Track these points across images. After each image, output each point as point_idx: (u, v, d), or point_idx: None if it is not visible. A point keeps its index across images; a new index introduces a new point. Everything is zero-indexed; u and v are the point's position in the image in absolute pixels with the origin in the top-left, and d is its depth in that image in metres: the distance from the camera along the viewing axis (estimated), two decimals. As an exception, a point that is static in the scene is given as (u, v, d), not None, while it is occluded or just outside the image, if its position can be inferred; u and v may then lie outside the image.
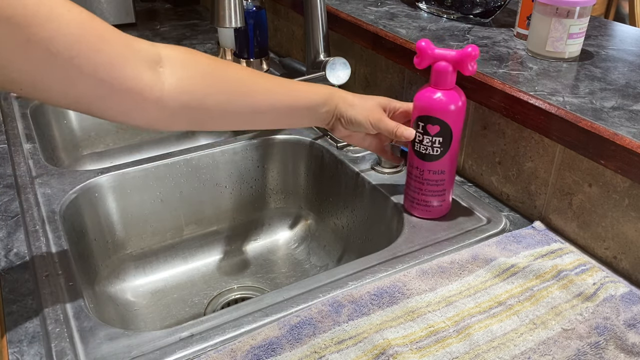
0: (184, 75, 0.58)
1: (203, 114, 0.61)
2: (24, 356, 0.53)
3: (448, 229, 0.70)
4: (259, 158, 0.94)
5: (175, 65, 0.57)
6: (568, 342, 0.54)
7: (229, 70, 0.63)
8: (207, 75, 0.60)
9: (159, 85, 0.55)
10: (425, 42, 0.64)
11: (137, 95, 0.54)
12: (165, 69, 0.56)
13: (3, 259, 0.65)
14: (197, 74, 0.59)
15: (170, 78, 0.56)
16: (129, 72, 0.52)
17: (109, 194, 0.83)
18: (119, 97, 0.53)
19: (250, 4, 1.13)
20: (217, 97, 0.61)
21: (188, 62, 0.59)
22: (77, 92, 0.50)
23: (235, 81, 0.63)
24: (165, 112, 0.57)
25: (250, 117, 0.66)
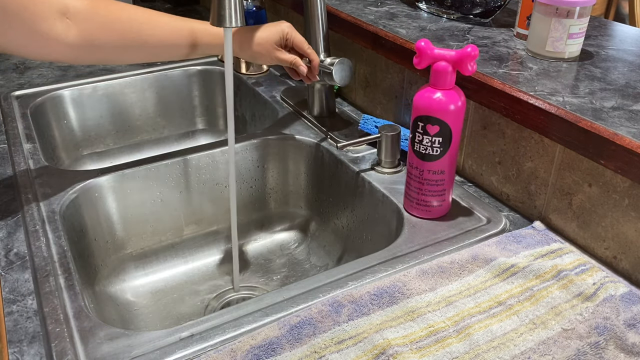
0: (84, 26, 0.71)
1: (103, 53, 0.75)
2: (24, 356, 0.53)
3: (448, 229, 0.70)
4: (259, 158, 0.94)
5: (77, 16, 0.70)
6: (568, 342, 0.54)
7: (125, 13, 0.75)
8: (104, 25, 0.73)
9: (66, 34, 0.69)
10: (425, 42, 0.65)
11: (51, 42, 0.68)
12: (70, 20, 0.69)
13: (3, 259, 0.65)
14: (95, 25, 0.72)
15: (74, 28, 0.70)
16: (45, 26, 0.67)
17: (109, 194, 0.83)
18: (38, 44, 0.68)
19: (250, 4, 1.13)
20: (114, 40, 0.74)
21: (87, 13, 0.71)
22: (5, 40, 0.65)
23: (131, 25, 0.75)
24: (72, 53, 0.71)
25: (146, 54, 0.78)
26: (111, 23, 0.73)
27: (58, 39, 0.68)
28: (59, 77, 1.13)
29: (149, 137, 1.21)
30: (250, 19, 1.13)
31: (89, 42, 0.71)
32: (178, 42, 0.78)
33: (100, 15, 0.72)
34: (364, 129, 0.89)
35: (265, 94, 1.09)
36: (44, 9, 0.66)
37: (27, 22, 0.65)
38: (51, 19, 0.67)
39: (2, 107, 1.02)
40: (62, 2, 0.68)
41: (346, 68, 0.86)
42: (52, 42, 0.68)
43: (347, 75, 0.86)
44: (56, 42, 0.68)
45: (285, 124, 0.98)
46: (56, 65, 1.19)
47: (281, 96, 1.08)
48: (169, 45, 0.78)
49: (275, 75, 1.18)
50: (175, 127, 1.24)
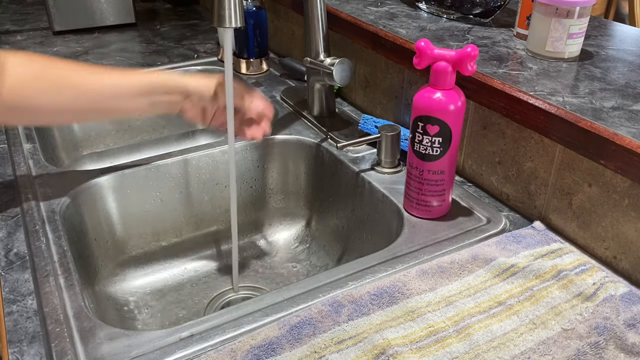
0: (19, 77, 0.65)
1: (35, 110, 0.68)
2: (24, 356, 0.53)
3: (448, 229, 0.70)
4: (259, 158, 0.94)
5: (13, 69, 0.64)
6: (568, 342, 0.54)
7: (62, 68, 0.69)
8: (39, 75, 0.67)
9: None
10: (425, 42, 0.65)
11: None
12: (5, 72, 0.64)
13: (3, 259, 0.65)
14: (30, 74, 0.66)
15: (7, 80, 0.64)
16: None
17: (109, 194, 0.83)
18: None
19: (250, 4, 1.13)
20: (47, 96, 0.67)
21: (25, 64, 0.66)
22: None
23: (66, 77, 0.69)
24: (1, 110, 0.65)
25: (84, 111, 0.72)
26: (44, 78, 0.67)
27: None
28: (59, 77, 1.13)
29: (149, 137, 1.21)
30: (250, 19, 1.13)
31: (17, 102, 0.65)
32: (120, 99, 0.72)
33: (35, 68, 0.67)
34: (364, 129, 0.89)
35: (265, 94, 1.09)
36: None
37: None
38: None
39: (2, 107, 1.02)
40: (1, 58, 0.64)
41: (346, 68, 0.86)
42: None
43: (347, 75, 0.86)
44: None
45: (285, 124, 0.98)
46: (56, 65, 1.19)
47: (281, 96, 1.08)
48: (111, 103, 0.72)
49: (275, 75, 1.18)
50: (175, 127, 1.24)
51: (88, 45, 1.32)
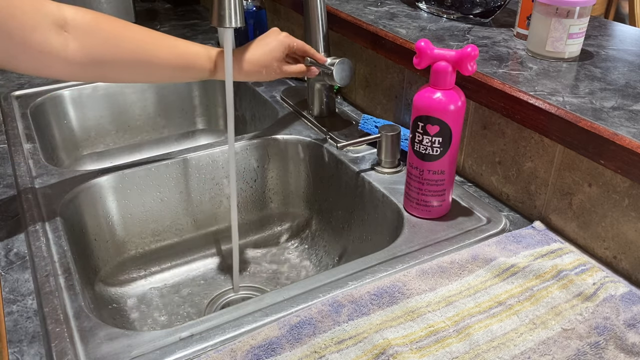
0: (86, 41, 0.66)
1: (104, 72, 0.70)
2: (24, 356, 0.53)
3: (448, 229, 0.70)
4: (259, 158, 0.94)
5: (78, 30, 0.65)
6: (568, 342, 0.54)
7: (129, 31, 0.71)
8: (106, 42, 0.68)
9: (64, 47, 0.64)
10: (425, 42, 0.65)
11: (46, 56, 0.63)
12: (69, 33, 0.65)
13: (3, 259, 0.65)
14: (97, 41, 0.68)
15: (73, 42, 0.65)
16: (38, 37, 0.61)
17: (109, 194, 0.83)
18: (30, 57, 0.62)
19: (250, 4, 1.13)
20: (116, 60, 0.69)
21: (90, 29, 0.67)
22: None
23: (134, 45, 0.70)
24: (71, 69, 0.66)
25: (149, 75, 0.75)
26: (114, 39, 0.69)
27: (53, 53, 0.63)
28: (59, 77, 1.13)
29: (149, 137, 1.21)
30: (250, 19, 1.13)
31: (90, 59, 0.67)
32: (183, 65, 0.75)
33: (104, 31, 0.68)
34: (364, 129, 0.89)
35: (265, 94, 1.09)
36: (35, 19, 0.61)
37: (15, 33, 0.59)
38: (44, 31, 0.62)
39: (2, 107, 1.02)
40: (60, 14, 0.64)
41: (346, 68, 0.86)
42: (46, 55, 0.63)
43: (347, 75, 0.86)
44: (50, 55, 0.63)
45: (285, 124, 0.98)
46: (56, 65, 1.19)
47: (281, 96, 1.08)
48: (174, 68, 0.74)
49: (275, 75, 1.18)
50: (175, 127, 1.24)
51: (88, 45, 1.32)
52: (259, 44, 0.78)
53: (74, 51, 0.65)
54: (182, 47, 0.75)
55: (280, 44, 0.78)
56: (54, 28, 0.63)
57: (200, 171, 0.90)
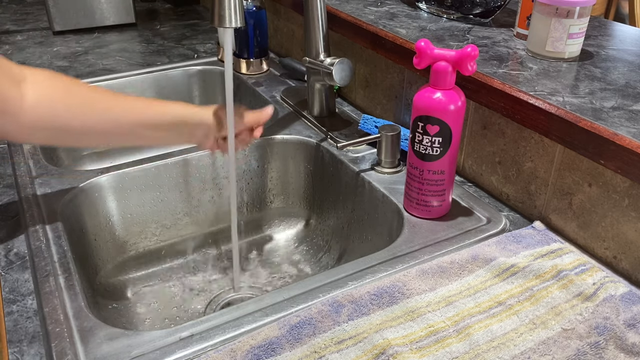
0: (44, 92, 0.62)
1: (61, 129, 0.64)
2: (24, 356, 0.53)
3: (448, 229, 0.70)
4: (259, 158, 0.94)
5: (36, 83, 0.61)
6: (568, 342, 0.54)
7: (88, 89, 0.67)
8: (66, 93, 0.64)
9: (19, 99, 0.59)
10: (425, 42, 0.65)
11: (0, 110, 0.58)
12: (27, 85, 0.60)
13: (3, 259, 0.65)
14: (56, 91, 0.63)
15: (30, 94, 0.60)
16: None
17: (109, 194, 0.83)
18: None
19: (250, 4, 1.13)
20: (75, 114, 0.64)
21: (49, 81, 0.63)
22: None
23: (93, 99, 0.66)
24: (23, 126, 0.61)
25: (108, 134, 0.68)
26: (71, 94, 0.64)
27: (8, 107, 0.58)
28: (59, 77, 1.13)
29: (149, 137, 1.21)
30: (250, 19, 1.13)
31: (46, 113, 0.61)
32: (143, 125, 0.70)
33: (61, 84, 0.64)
34: (364, 129, 0.89)
35: (265, 94, 1.09)
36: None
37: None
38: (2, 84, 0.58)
39: (2, 107, 1.02)
40: (20, 71, 0.61)
41: (346, 68, 0.86)
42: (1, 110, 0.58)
43: (347, 75, 0.86)
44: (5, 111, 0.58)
45: (285, 124, 0.98)
46: (56, 65, 1.19)
47: (281, 96, 1.08)
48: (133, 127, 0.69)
49: (275, 75, 1.18)
50: (175, 127, 1.24)
51: (88, 45, 1.32)
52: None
53: (30, 103, 0.60)
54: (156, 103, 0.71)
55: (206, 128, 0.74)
56: (11, 80, 0.59)
57: (200, 171, 0.90)
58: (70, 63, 1.21)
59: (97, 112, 0.66)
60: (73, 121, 0.64)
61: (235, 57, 1.17)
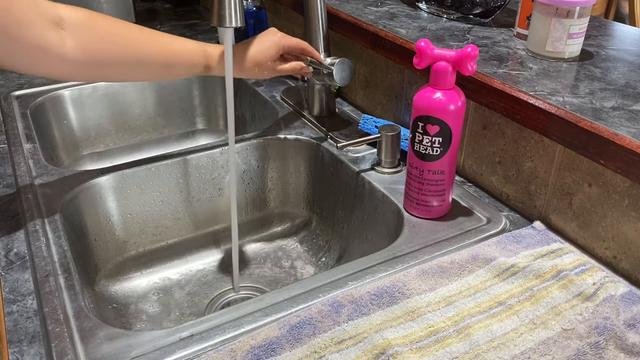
0: (82, 37, 0.66)
1: (101, 69, 0.69)
2: (24, 356, 0.53)
3: (448, 229, 0.70)
4: (259, 158, 0.94)
5: (74, 27, 0.65)
6: (568, 342, 0.54)
7: (125, 31, 0.71)
8: (103, 38, 0.68)
9: (61, 44, 0.63)
10: (425, 42, 0.65)
11: (43, 52, 0.62)
12: (65, 30, 0.64)
13: (3, 259, 0.65)
14: (94, 37, 0.67)
15: (69, 39, 0.64)
16: (34, 32, 0.61)
17: (109, 194, 0.83)
18: (26, 53, 0.62)
19: (250, 4, 1.13)
20: (113, 57, 0.69)
21: (86, 25, 0.67)
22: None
23: (131, 41, 0.70)
24: (67, 67, 0.66)
25: (147, 72, 0.74)
26: (111, 37, 0.69)
27: (49, 49, 0.62)
28: (59, 77, 1.13)
29: (149, 137, 1.21)
30: (250, 19, 1.13)
31: (87, 57, 0.66)
32: (182, 62, 0.75)
33: (100, 29, 0.68)
34: (364, 129, 0.89)
35: (265, 94, 1.09)
36: (32, 16, 0.60)
37: (12, 28, 0.59)
38: (41, 27, 0.61)
39: (2, 107, 1.02)
40: (56, 12, 0.63)
41: (346, 68, 0.86)
42: (43, 51, 0.62)
43: (347, 75, 0.86)
44: (47, 52, 0.62)
45: (285, 124, 0.98)
46: (56, 65, 1.19)
47: (281, 96, 1.08)
48: (166, 64, 0.74)
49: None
50: (175, 127, 1.24)
51: (88, 45, 1.32)
52: (255, 42, 0.79)
53: (71, 48, 0.64)
54: (175, 44, 0.75)
55: (275, 44, 0.79)
56: (51, 25, 0.63)
57: (200, 171, 0.90)
58: (70, 63, 1.21)
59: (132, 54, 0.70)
60: (110, 63, 0.69)
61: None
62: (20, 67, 0.64)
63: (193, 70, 0.77)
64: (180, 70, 0.76)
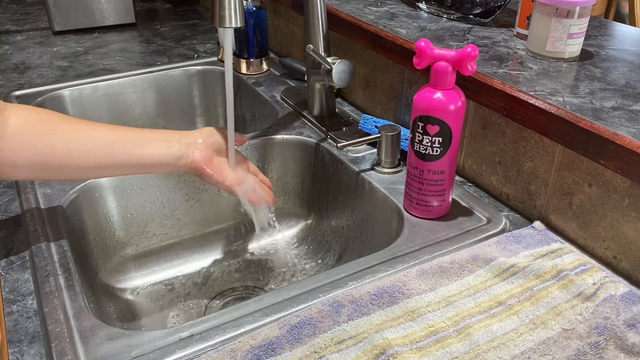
0: (27, 119, 0.61)
1: (44, 158, 0.62)
2: (24, 356, 0.53)
3: (448, 229, 0.70)
4: (259, 158, 0.94)
5: (18, 112, 0.60)
6: (568, 342, 0.54)
7: (71, 121, 0.65)
8: (49, 120, 0.63)
9: (2, 125, 0.58)
10: (425, 42, 0.65)
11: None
12: (10, 113, 0.59)
13: (3, 259, 0.65)
14: (39, 119, 0.62)
15: (13, 120, 0.59)
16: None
17: (109, 194, 0.83)
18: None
19: (250, 4, 1.13)
20: (57, 145, 0.62)
21: (30, 111, 0.62)
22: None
23: (76, 130, 0.64)
24: (5, 155, 0.59)
25: (91, 170, 0.67)
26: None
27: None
28: (59, 77, 1.13)
29: (149, 137, 1.21)
30: (250, 19, 1.13)
31: (31, 145, 0.60)
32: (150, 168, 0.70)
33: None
34: (364, 129, 0.89)
35: (265, 94, 1.09)
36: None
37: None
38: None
39: (2, 107, 1.02)
40: (1, 103, 0.60)
41: (346, 69, 0.86)
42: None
43: (347, 77, 0.86)
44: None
45: (285, 124, 0.98)
46: (56, 65, 1.19)
47: (281, 96, 1.08)
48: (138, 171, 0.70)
49: (275, 75, 1.18)
50: (175, 127, 1.24)
51: (88, 45, 1.32)
52: None
53: (14, 127, 0.59)
54: (148, 156, 0.68)
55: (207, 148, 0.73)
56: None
57: (200, 171, 0.89)
58: (70, 63, 1.21)
59: (80, 144, 0.64)
60: (56, 149, 0.62)
61: (236, 57, 1.17)
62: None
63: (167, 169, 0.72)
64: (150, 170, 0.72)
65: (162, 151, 0.68)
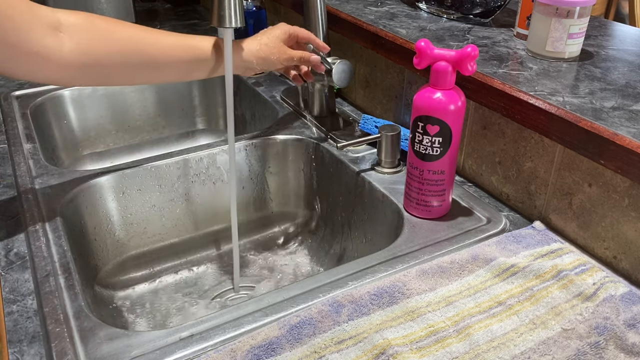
0: (82, 39, 0.65)
1: (102, 72, 0.68)
2: (24, 356, 0.53)
3: (448, 229, 0.70)
4: (259, 158, 0.94)
5: (73, 30, 0.64)
6: (568, 342, 0.54)
7: (125, 30, 0.69)
8: (103, 38, 0.67)
9: (59, 48, 0.63)
10: (425, 42, 0.65)
11: (41, 57, 0.62)
12: (64, 33, 0.63)
13: (3, 259, 0.65)
14: (93, 37, 0.66)
15: (69, 42, 0.63)
16: (33, 38, 0.60)
17: (109, 194, 0.83)
18: (25, 59, 0.61)
19: (250, 4, 1.13)
20: (114, 57, 0.67)
21: (85, 26, 0.65)
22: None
23: (131, 40, 0.69)
24: (67, 72, 0.65)
25: (149, 72, 0.72)
26: (111, 38, 0.67)
27: (49, 55, 0.62)
28: (59, 77, 1.13)
29: (149, 137, 1.21)
30: (250, 19, 1.13)
31: (87, 58, 0.65)
32: (184, 59, 0.72)
33: (99, 30, 0.66)
34: (364, 129, 0.89)
35: (265, 94, 1.09)
36: (31, 21, 0.60)
37: (11, 33, 0.58)
38: (40, 32, 0.60)
39: (2, 107, 1.02)
40: (54, 17, 0.63)
41: (346, 69, 0.86)
42: (42, 58, 0.61)
43: (347, 77, 0.86)
44: (46, 58, 0.62)
45: (285, 124, 0.98)
46: (56, 65, 1.19)
47: (281, 96, 1.08)
48: (175, 63, 0.72)
49: (275, 75, 1.18)
50: (175, 127, 1.24)
51: (88, 45, 1.32)
52: (264, 32, 0.79)
53: (70, 51, 0.63)
54: (185, 41, 0.73)
55: (284, 32, 0.79)
56: (49, 30, 0.62)
57: (200, 171, 0.90)
58: (70, 63, 1.21)
59: (134, 55, 0.69)
60: (110, 65, 0.67)
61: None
62: (19, 74, 0.64)
63: (205, 71, 0.75)
64: (193, 70, 0.75)
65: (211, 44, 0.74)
